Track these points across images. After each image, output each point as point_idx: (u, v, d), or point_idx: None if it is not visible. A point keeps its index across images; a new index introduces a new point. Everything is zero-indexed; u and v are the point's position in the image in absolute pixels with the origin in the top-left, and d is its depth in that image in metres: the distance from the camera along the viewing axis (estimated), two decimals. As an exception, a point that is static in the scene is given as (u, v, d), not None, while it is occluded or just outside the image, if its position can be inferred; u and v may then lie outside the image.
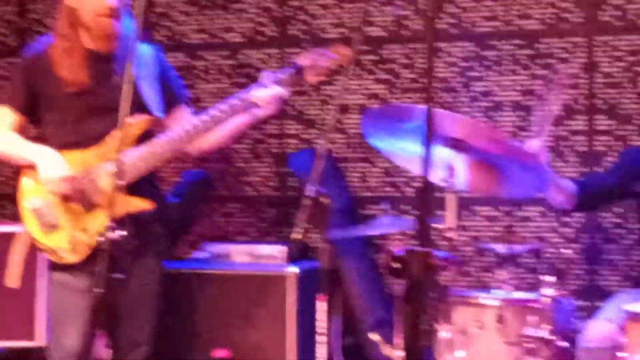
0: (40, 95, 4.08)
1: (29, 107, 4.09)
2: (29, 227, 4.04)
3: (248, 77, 5.47)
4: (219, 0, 5.62)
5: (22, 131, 4.12)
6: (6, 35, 6.00)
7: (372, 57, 5.39)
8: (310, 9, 5.49)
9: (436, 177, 4.01)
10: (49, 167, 3.98)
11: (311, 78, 4.06)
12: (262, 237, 5.48)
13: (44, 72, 4.05)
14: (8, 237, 4.48)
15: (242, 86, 4.23)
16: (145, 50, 4.12)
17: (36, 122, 4.14)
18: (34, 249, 4.18)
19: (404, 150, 4.01)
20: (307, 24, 5.49)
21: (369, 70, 5.39)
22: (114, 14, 3.99)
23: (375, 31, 5.37)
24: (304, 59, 4.08)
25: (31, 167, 4.02)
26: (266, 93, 4.02)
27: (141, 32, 4.15)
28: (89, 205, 3.98)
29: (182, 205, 5.12)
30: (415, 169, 4.16)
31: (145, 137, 4.03)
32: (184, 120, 4.10)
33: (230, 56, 5.61)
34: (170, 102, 4.17)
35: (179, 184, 5.26)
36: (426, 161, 2.69)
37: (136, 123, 3.98)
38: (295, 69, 4.06)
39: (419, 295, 2.54)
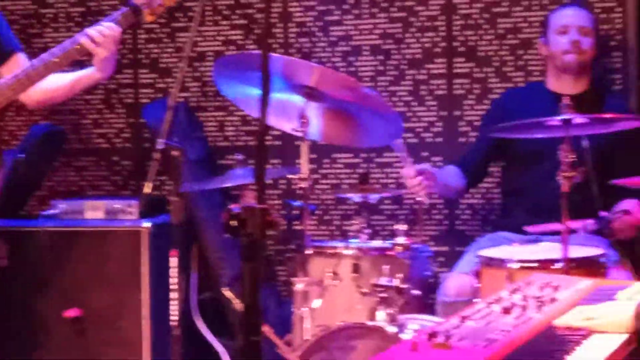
0: None
1: None
2: None
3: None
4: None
5: None
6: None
7: (228, 1, 5.24)
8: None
9: (289, 125, 4.00)
10: None
11: (148, 17, 3.88)
12: (116, 192, 5.36)
13: None
14: None
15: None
16: None
17: None
18: None
19: (254, 99, 3.91)
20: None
21: (225, 16, 5.25)
22: None
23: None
24: None
25: None
26: (97, 31, 3.81)
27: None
28: None
29: (30, 160, 4.93)
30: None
31: None
32: (16, 69, 3.90)
33: (81, 3, 5.40)
34: (1, 51, 3.99)
35: (26, 139, 5.06)
36: (264, 109, 2.57)
37: None
38: (130, 7, 3.87)
39: (256, 254, 2.44)
